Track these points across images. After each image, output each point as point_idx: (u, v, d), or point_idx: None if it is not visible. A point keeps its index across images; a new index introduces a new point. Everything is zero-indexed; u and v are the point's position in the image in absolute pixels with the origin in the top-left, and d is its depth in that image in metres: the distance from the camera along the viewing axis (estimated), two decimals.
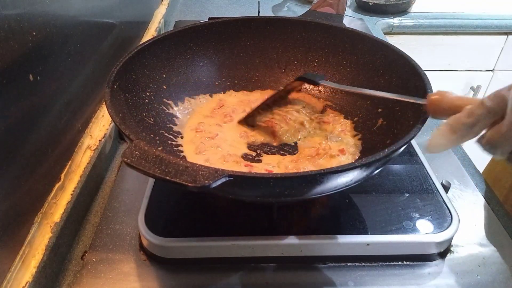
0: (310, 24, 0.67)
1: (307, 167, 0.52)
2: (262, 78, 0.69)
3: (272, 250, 0.47)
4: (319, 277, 0.47)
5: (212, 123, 0.60)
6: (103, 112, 0.64)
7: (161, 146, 0.53)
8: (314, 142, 0.57)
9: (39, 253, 0.43)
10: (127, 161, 0.34)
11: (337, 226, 0.50)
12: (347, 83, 0.64)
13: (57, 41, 0.49)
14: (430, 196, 0.54)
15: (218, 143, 0.56)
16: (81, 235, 0.52)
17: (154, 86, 0.58)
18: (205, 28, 0.65)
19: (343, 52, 0.65)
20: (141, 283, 0.46)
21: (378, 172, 0.46)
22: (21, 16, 0.41)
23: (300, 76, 0.60)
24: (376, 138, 0.55)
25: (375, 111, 0.58)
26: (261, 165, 0.53)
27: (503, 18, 1.28)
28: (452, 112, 0.41)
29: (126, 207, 0.55)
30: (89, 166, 0.56)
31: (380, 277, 0.47)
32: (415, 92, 0.49)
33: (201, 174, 0.33)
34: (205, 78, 0.66)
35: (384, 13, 1.27)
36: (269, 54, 0.69)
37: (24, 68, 0.42)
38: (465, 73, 1.40)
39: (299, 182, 0.38)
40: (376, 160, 0.38)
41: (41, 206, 0.46)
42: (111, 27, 0.69)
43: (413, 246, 0.48)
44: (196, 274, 0.47)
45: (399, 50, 0.56)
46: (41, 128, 0.46)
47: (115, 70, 0.50)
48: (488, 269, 0.48)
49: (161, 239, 0.46)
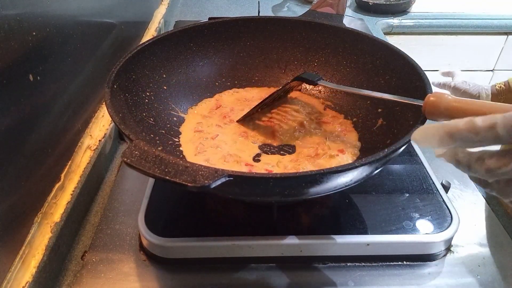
0: (310, 24, 0.67)
1: (306, 167, 0.52)
2: (262, 78, 0.69)
3: (272, 250, 0.47)
4: (319, 277, 0.47)
5: (211, 123, 0.60)
6: (103, 112, 0.65)
7: (161, 146, 0.53)
8: (313, 142, 0.57)
9: (39, 253, 0.43)
10: (127, 161, 0.34)
11: (337, 226, 0.50)
12: (347, 83, 0.64)
13: (57, 41, 0.49)
14: (430, 196, 0.54)
15: (217, 143, 0.56)
16: (81, 235, 0.52)
17: (154, 86, 0.58)
18: (205, 28, 0.65)
19: (343, 52, 0.65)
20: (141, 283, 0.46)
21: (378, 172, 0.46)
22: (21, 16, 0.41)
23: (298, 76, 0.60)
24: (376, 138, 0.55)
25: (375, 111, 0.58)
26: (261, 164, 0.53)
27: (503, 18, 1.28)
28: (449, 114, 0.41)
29: (126, 207, 0.55)
30: (89, 166, 0.56)
31: (380, 277, 0.47)
32: (415, 92, 0.49)
33: (201, 174, 0.33)
34: (205, 78, 0.66)
35: (384, 13, 1.27)
36: (269, 54, 0.69)
37: (24, 68, 0.42)
38: (465, 73, 1.39)
39: (299, 182, 0.38)
40: (376, 160, 0.38)
41: (41, 206, 0.46)
42: (111, 27, 0.69)
43: (413, 246, 0.48)
44: (196, 274, 0.47)
45: (399, 50, 0.57)
46: (41, 128, 0.46)
47: (115, 70, 0.50)
48: (488, 269, 0.48)
49: (161, 239, 0.46)
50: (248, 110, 0.61)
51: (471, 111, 0.40)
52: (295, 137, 0.58)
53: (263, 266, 0.48)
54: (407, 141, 0.40)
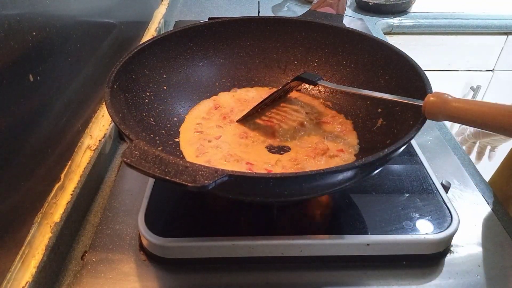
0: (310, 24, 0.67)
1: (306, 167, 0.52)
2: (262, 79, 0.69)
3: (272, 250, 0.47)
4: (319, 277, 0.47)
5: (211, 124, 0.60)
6: (103, 112, 0.65)
7: (161, 146, 0.53)
8: (313, 142, 0.57)
9: (39, 253, 0.43)
10: (127, 161, 0.34)
11: (337, 226, 0.50)
12: (347, 83, 0.64)
13: (57, 41, 0.49)
14: (430, 196, 0.54)
15: (218, 143, 0.56)
16: (81, 235, 0.52)
17: (154, 86, 0.58)
18: (205, 28, 0.65)
19: (343, 52, 0.65)
20: (141, 283, 0.46)
21: (378, 172, 0.46)
22: (21, 16, 0.41)
23: (298, 76, 0.60)
24: (376, 138, 0.55)
25: (375, 111, 0.58)
26: (261, 164, 0.53)
27: (503, 18, 1.28)
28: (449, 115, 0.41)
29: (126, 207, 0.55)
30: (89, 166, 0.56)
31: (380, 277, 0.47)
32: (415, 92, 0.49)
33: (201, 174, 0.33)
34: (205, 78, 0.66)
35: (384, 13, 1.27)
36: (269, 54, 0.69)
37: (24, 68, 0.42)
38: (465, 73, 1.40)
39: (299, 182, 0.38)
40: (375, 160, 0.38)
41: (41, 206, 0.46)
42: (111, 27, 0.69)
43: (413, 246, 0.48)
44: (196, 274, 0.47)
45: (399, 50, 0.57)
46: (41, 128, 0.46)
47: (115, 70, 0.50)
48: (488, 269, 0.48)
49: (161, 239, 0.46)
50: (248, 110, 0.61)
51: (471, 111, 0.40)
52: (295, 137, 0.58)
53: (263, 266, 0.48)
54: (407, 141, 0.40)
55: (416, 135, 0.42)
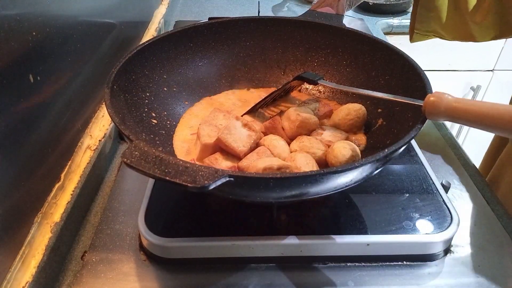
0: (310, 24, 0.67)
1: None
2: (262, 79, 0.69)
3: (272, 250, 0.47)
4: (319, 277, 0.47)
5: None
6: (103, 112, 0.65)
7: (161, 146, 0.53)
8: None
9: (39, 253, 0.43)
10: (127, 162, 0.34)
11: (337, 226, 0.50)
12: (347, 83, 0.64)
13: (57, 41, 0.49)
14: (430, 196, 0.54)
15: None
16: (81, 235, 0.52)
17: (154, 86, 0.58)
18: (205, 28, 0.65)
19: (343, 52, 0.65)
20: (141, 283, 0.46)
21: (378, 172, 0.46)
22: (21, 16, 0.41)
23: (299, 75, 0.60)
24: (376, 138, 0.55)
25: (375, 111, 0.58)
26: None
27: None
28: (449, 115, 0.41)
29: (126, 207, 0.55)
30: (89, 166, 0.56)
31: (380, 277, 0.47)
32: (415, 92, 0.49)
33: (201, 174, 0.33)
34: (205, 78, 0.66)
35: (384, 13, 1.27)
36: (269, 54, 0.69)
37: (24, 68, 0.42)
38: (465, 73, 1.40)
39: (299, 182, 0.38)
40: (376, 160, 0.38)
41: (41, 206, 0.46)
42: (111, 27, 0.69)
43: (413, 246, 0.48)
44: (196, 274, 0.47)
45: (399, 50, 0.57)
46: (41, 128, 0.46)
47: (115, 70, 0.50)
48: (488, 269, 0.48)
49: (161, 239, 0.46)
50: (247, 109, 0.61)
51: (471, 112, 0.40)
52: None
53: (263, 266, 0.48)
54: (407, 141, 0.40)
55: (416, 135, 0.42)
